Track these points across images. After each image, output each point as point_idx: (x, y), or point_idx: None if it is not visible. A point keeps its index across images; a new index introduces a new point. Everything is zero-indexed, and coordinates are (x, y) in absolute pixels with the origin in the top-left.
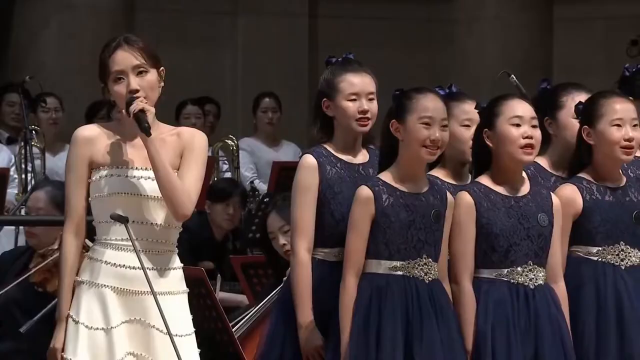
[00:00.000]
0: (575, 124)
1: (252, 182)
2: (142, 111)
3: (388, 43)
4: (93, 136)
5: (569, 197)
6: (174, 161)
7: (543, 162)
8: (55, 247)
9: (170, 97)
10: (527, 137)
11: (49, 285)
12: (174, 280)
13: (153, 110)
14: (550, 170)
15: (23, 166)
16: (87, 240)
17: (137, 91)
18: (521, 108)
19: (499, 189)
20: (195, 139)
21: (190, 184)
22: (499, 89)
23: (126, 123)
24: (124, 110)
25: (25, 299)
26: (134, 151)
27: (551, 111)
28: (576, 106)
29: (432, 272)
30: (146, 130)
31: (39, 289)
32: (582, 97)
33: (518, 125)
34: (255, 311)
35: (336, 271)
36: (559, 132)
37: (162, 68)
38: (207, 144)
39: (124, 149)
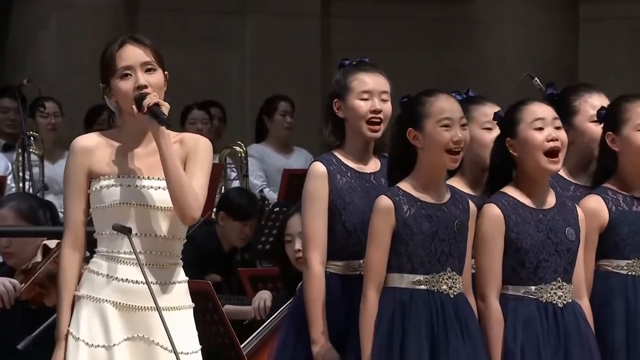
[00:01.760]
0: (592, 127)
1: (261, 190)
2: (157, 105)
3: (404, 44)
4: (91, 145)
5: (594, 209)
6: None
7: (561, 170)
8: (39, 259)
9: (175, 101)
10: (551, 140)
11: (46, 299)
12: (179, 295)
13: (168, 105)
14: (568, 179)
15: (21, 174)
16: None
17: (145, 87)
18: (542, 110)
19: (527, 201)
20: (199, 145)
21: (197, 189)
22: (522, 94)
23: (130, 126)
24: (133, 107)
25: (16, 317)
26: (137, 159)
27: (565, 117)
28: (598, 111)
29: (457, 285)
30: (165, 121)
31: (32, 306)
32: (595, 98)
33: (541, 128)
34: (265, 326)
35: (348, 285)
36: (576, 137)
37: (166, 72)
38: (212, 149)
39: (126, 158)
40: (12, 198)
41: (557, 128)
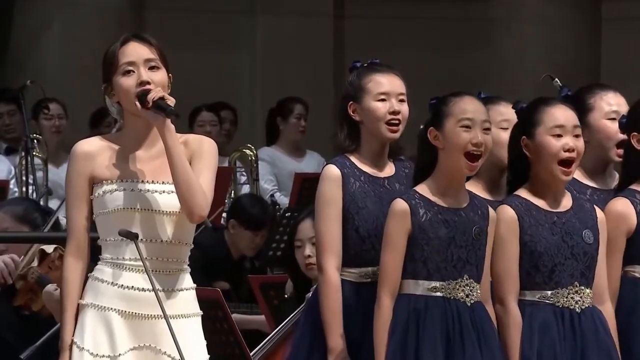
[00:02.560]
0: (608, 124)
1: (272, 195)
2: (162, 99)
3: (419, 44)
4: (93, 150)
5: (621, 212)
6: None
7: (577, 173)
8: (35, 264)
9: (183, 103)
10: (568, 150)
11: (34, 305)
12: (186, 302)
13: (174, 100)
14: (585, 182)
15: (24, 178)
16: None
17: (148, 83)
18: (563, 116)
19: (541, 203)
20: (204, 145)
21: (204, 187)
22: (542, 95)
23: (132, 128)
24: (136, 103)
25: (15, 323)
26: (140, 163)
27: (580, 116)
28: (619, 121)
29: (475, 293)
30: (173, 112)
31: (25, 312)
32: (610, 96)
33: (559, 135)
34: (275, 334)
35: (362, 293)
36: (591, 136)
37: (170, 75)
38: (217, 148)
39: (128, 162)
40: (6, 203)
41: (576, 136)
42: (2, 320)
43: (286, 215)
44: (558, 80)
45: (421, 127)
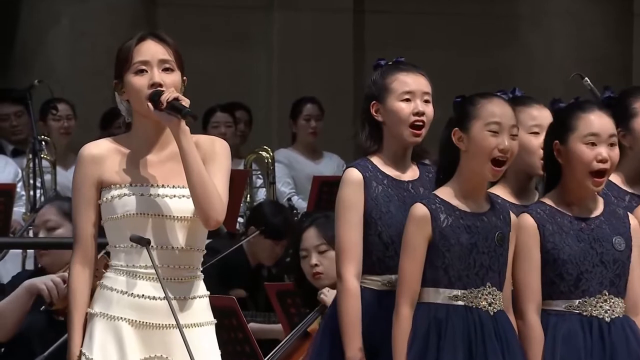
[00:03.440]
0: None
1: (289, 199)
2: (177, 99)
3: (443, 41)
4: (101, 154)
5: None
6: None
7: (616, 178)
8: None
9: (196, 103)
10: (601, 161)
11: None
12: (199, 310)
13: (188, 100)
14: (624, 188)
15: (31, 181)
16: (106, 256)
17: (160, 85)
18: (599, 124)
19: (567, 210)
20: (216, 145)
21: (220, 190)
22: (571, 94)
23: (141, 130)
24: (148, 104)
25: (42, 328)
26: (150, 167)
27: (622, 121)
28: None
29: (497, 302)
30: (189, 113)
31: (60, 317)
32: None
33: (593, 144)
34: (286, 340)
35: (385, 301)
36: (634, 143)
37: (185, 78)
38: (229, 150)
39: (138, 165)
40: (56, 198)
41: (611, 145)
42: (33, 326)
43: (304, 219)
44: (588, 80)
45: (445, 128)
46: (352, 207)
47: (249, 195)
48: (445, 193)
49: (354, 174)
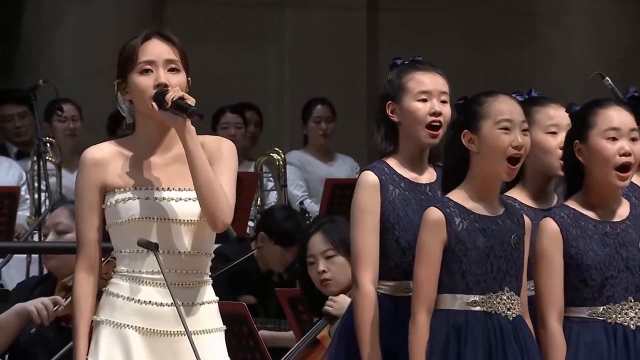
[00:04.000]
0: None
1: (301, 202)
2: (182, 99)
3: (458, 40)
4: (103, 157)
5: None
6: None
7: (638, 179)
8: None
9: (205, 103)
10: (624, 154)
11: None
12: (208, 316)
13: (193, 100)
14: None
15: (36, 184)
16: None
17: (165, 86)
18: (619, 118)
19: (591, 213)
20: (222, 146)
21: (227, 192)
22: (591, 95)
23: (144, 132)
24: (153, 104)
25: (48, 335)
26: (155, 169)
27: None
28: None
29: (516, 307)
30: (195, 111)
31: (66, 324)
32: None
33: (614, 139)
34: (294, 349)
35: (402, 308)
36: None
37: (190, 78)
38: (236, 151)
39: (143, 168)
40: (68, 201)
41: (633, 140)
42: (39, 333)
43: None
44: (609, 79)
45: (448, 129)
46: (368, 212)
47: (259, 199)
48: (458, 196)
49: (370, 177)
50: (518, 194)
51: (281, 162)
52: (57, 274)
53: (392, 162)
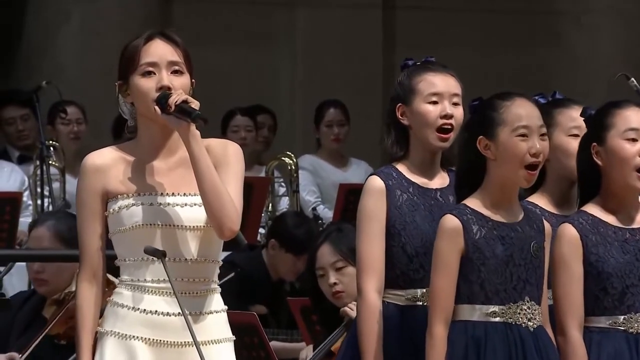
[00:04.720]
0: None
1: (314, 208)
2: (186, 102)
3: (479, 40)
4: (105, 163)
5: None
6: None
7: None
8: (73, 288)
9: (215, 105)
10: None
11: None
12: (217, 326)
13: (198, 103)
14: None
15: (39, 190)
16: (110, 276)
17: (169, 89)
18: (637, 118)
19: (610, 219)
20: (229, 149)
21: (234, 198)
22: (615, 96)
23: (146, 136)
24: (155, 108)
25: (43, 355)
26: (158, 175)
27: None
28: None
29: (537, 317)
30: (200, 116)
31: (62, 341)
32: None
33: (634, 140)
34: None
35: (409, 317)
36: None
37: (194, 80)
38: (243, 155)
39: (146, 173)
40: (51, 217)
41: None
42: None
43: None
44: (634, 80)
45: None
46: (373, 218)
47: (270, 205)
48: (475, 203)
49: (376, 182)
50: (539, 200)
51: (293, 167)
52: (48, 295)
53: (401, 167)
